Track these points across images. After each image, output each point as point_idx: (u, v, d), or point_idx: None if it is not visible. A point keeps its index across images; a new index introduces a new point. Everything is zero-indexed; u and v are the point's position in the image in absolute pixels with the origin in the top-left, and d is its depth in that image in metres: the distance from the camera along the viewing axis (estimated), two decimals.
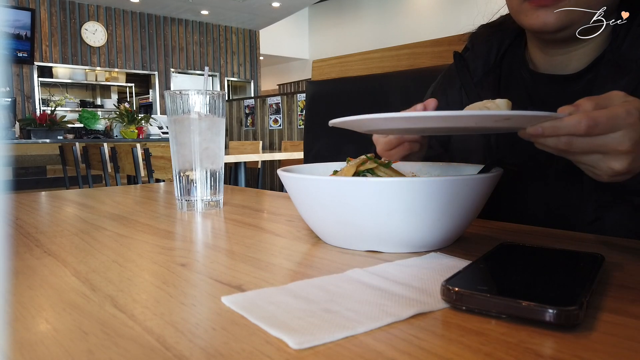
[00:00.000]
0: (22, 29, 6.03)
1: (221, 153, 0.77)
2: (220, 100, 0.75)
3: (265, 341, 0.28)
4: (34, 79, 6.32)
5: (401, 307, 0.33)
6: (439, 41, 1.16)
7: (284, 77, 10.98)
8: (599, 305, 0.33)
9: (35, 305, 0.35)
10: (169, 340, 0.28)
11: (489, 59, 0.74)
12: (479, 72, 0.74)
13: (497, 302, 0.31)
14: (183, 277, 0.41)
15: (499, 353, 0.26)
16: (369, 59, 1.30)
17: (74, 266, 0.44)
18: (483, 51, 0.75)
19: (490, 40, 0.75)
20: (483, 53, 0.75)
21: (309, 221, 0.53)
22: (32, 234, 0.59)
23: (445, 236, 0.48)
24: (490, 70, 0.74)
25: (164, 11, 7.15)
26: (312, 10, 10.11)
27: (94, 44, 6.74)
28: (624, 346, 0.27)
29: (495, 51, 0.74)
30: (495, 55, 0.74)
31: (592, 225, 0.61)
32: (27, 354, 0.27)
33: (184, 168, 0.75)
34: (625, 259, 0.45)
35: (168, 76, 7.42)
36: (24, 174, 4.38)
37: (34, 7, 6.19)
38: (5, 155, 0.21)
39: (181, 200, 0.76)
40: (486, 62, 0.74)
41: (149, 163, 2.75)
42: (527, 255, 0.42)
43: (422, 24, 7.98)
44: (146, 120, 5.31)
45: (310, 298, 0.35)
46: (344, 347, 0.27)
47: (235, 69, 8.17)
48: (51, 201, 0.91)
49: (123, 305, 0.34)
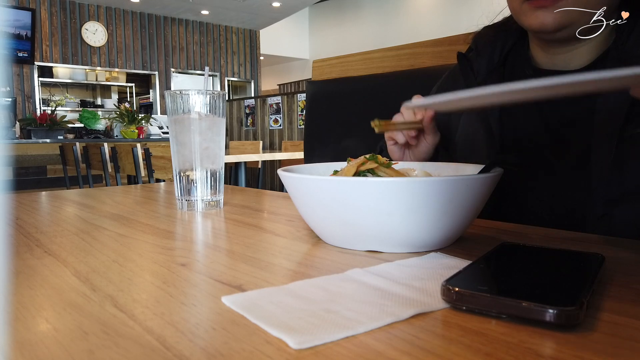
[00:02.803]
0: (22, 28, 6.03)
1: (221, 153, 0.77)
2: (221, 100, 0.75)
3: (265, 341, 0.28)
4: (35, 79, 6.32)
5: (401, 307, 0.33)
6: (439, 41, 1.16)
7: (284, 77, 10.98)
8: (599, 305, 0.33)
9: (35, 305, 0.35)
10: (169, 340, 0.28)
11: (492, 59, 0.74)
12: (482, 72, 0.74)
13: (498, 302, 0.31)
14: (183, 277, 0.41)
15: (499, 353, 0.26)
16: (369, 59, 1.30)
17: (74, 266, 0.45)
18: (487, 51, 0.75)
19: (494, 41, 0.75)
20: (487, 53, 0.75)
21: (309, 221, 0.53)
22: (32, 233, 0.59)
23: (445, 236, 0.48)
24: (494, 69, 0.74)
25: (164, 11, 7.15)
26: (312, 10, 10.11)
27: (94, 44, 6.74)
28: (624, 346, 0.27)
29: (499, 51, 0.74)
30: (499, 55, 0.74)
31: (602, 220, 0.61)
32: (27, 354, 0.27)
33: (184, 168, 0.75)
34: (625, 259, 0.45)
35: (168, 76, 7.42)
36: (25, 174, 4.38)
37: (34, 7, 6.19)
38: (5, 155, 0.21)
39: (181, 200, 0.76)
40: (490, 62, 0.74)
41: (149, 163, 2.75)
42: (527, 255, 0.42)
43: (423, 24, 7.98)
44: (146, 120, 5.31)
45: (311, 298, 0.35)
46: (344, 347, 0.27)
47: (235, 69, 8.17)
48: (51, 201, 0.91)
49: (123, 305, 0.34)
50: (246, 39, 8.25)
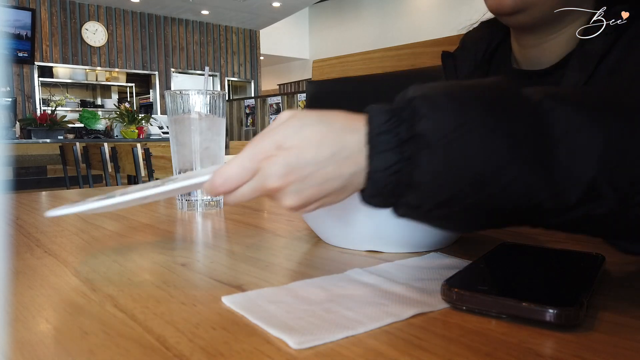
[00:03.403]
0: (22, 28, 6.03)
1: (221, 153, 0.77)
2: (221, 100, 0.75)
3: (265, 341, 0.28)
4: (35, 79, 6.32)
5: (401, 307, 0.33)
6: (439, 41, 1.16)
7: (284, 77, 10.98)
8: (599, 305, 0.33)
9: (35, 305, 0.35)
10: (169, 340, 0.28)
11: (477, 56, 0.74)
12: (468, 69, 0.74)
13: (498, 302, 0.31)
14: (183, 277, 0.41)
15: (499, 353, 0.26)
16: (369, 58, 1.30)
17: (74, 266, 0.45)
18: (473, 48, 0.75)
19: (480, 38, 0.75)
20: (472, 50, 0.75)
21: (309, 221, 0.53)
22: (32, 233, 0.59)
23: (445, 236, 0.48)
24: (478, 66, 0.73)
25: (164, 11, 7.15)
26: (312, 10, 10.11)
27: (95, 44, 6.74)
28: (624, 346, 0.27)
29: (484, 48, 0.74)
30: (484, 52, 0.74)
31: None
32: (27, 354, 0.27)
33: (184, 168, 0.75)
34: (625, 259, 0.45)
35: (168, 76, 7.42)
36: (25, 174, 4.38)
37: (35, 7, 6.19)
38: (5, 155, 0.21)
39: (181, 200, 0.76)
40: (474, 59, 0.74)
41: (149, 163, 2.74)
42: (527, 255, 0.42)
43: (423, 24, 7.98)
44: (146, 120, 5.31)
45: (311, 298, 0.35)
46: (344, 347, 0.27)
47: (235, 69, 8.17)
48: (52, 201, 0.91)
49: (123, 305, 0.34)
50: (246, 39, 8.25)
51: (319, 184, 0.35)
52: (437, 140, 0.31)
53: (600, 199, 0.30)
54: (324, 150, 0.34)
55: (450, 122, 0.31)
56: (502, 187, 0.31)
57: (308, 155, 0.34)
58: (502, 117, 0.31)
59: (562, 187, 0.30)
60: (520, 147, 0.30)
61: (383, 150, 0.32)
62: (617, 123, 0.31)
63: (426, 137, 0.31)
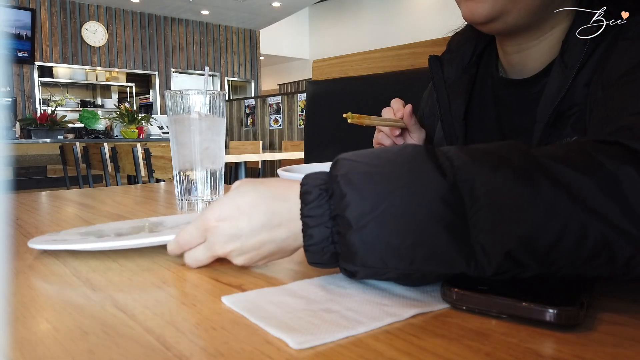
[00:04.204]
0: (22, 28, 6.02)
1: (221, 153, 0.77)
2: (221, 100, 0.75)
3: (265, 341, 0.28)
4: (35, 79, 6.31)
5: (401, 307, 0.33)
6: (439, 41, 1.15)
7: (284, 77, 10.97)
8: (599, 305, 0.33)
9: (35, 305, 0.35)
10: (169, 340, 0.28)
11: (463, 60, 0.73)
12: (455, 73, 0.73)
13: (498, 302, 0.31)
14: (183, 277, 0.41)
15: (500, 353, 0.26)
16: (369, 58, 1.30)
17: (74, 266, 0.45)
18: (459, 51, 0.74)
19: (465, 41, 0.74)
20: (459, 53, 0.74)
21: None
22: (32, 233, 0.59)
23: None
24: (465, 69, 0.73)
25: (164, 11, 7.14)
26: (312, 10, 10.11)
27: (94, 44, 6.74)
28: (624, 346, 0.27)
29: (471, 50, 0.73)
30: (471, 55, 0.73)
31: None
32: (27, 354, 0.27)
33: (184, 168, 0.75)
34: None
35: (168, 76, 7.42)
36: (25, 174, 4.38)
37: (35, 7, 6.19)
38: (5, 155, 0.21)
39: (181, 200, 0.76)
40: (460, 63, 0.73)
41: (149, 163, 2.74)
42: None
43: (423, 24, 7.98)
44: (146, 120, 5.31)
45: (311, 298, 0.35)
46: (345, 347, 0.27)
47: (235, 69, 8.17)
48: (52, 201, 0.91)
49: (123, 305, 0.34)
50: (246, 39, 8.24)
51: (256, 248, 0.39)
52: (357, 221, 0.33)
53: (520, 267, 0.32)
54: (255, 219, 0.38)
55: (366, 204, 0.33)
56: (421, 261, 0.33)
57: (242, 224, 0.38)
58: (418, 192, 0.33)
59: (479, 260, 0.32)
60: (438, 222, 0.32)
61: (316, 224, 0.36)
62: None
63: (347, 218, 0.34)
